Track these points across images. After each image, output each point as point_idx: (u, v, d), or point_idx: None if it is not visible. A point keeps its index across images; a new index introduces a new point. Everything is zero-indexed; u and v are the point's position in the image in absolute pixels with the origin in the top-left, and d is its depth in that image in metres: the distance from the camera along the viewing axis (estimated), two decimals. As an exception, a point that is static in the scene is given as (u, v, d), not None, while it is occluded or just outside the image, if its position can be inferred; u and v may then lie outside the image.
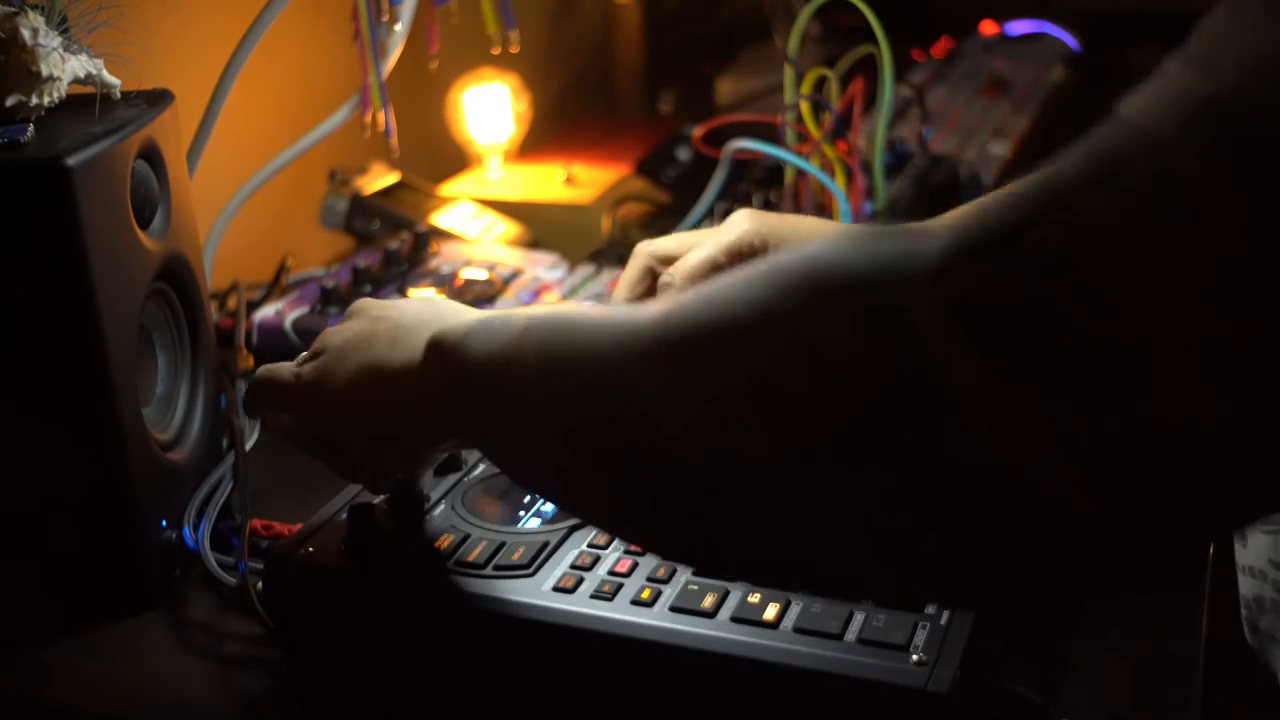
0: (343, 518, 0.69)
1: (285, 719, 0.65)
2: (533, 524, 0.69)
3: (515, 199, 1.34)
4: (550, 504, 0.70)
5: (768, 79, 1.58)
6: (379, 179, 1.26)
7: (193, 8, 1.12)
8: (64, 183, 0.65)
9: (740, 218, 0.80)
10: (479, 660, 0.64)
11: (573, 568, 0.64)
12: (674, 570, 0.63)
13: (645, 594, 0.62)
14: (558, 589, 0.63)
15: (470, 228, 1.24)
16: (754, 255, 0.78)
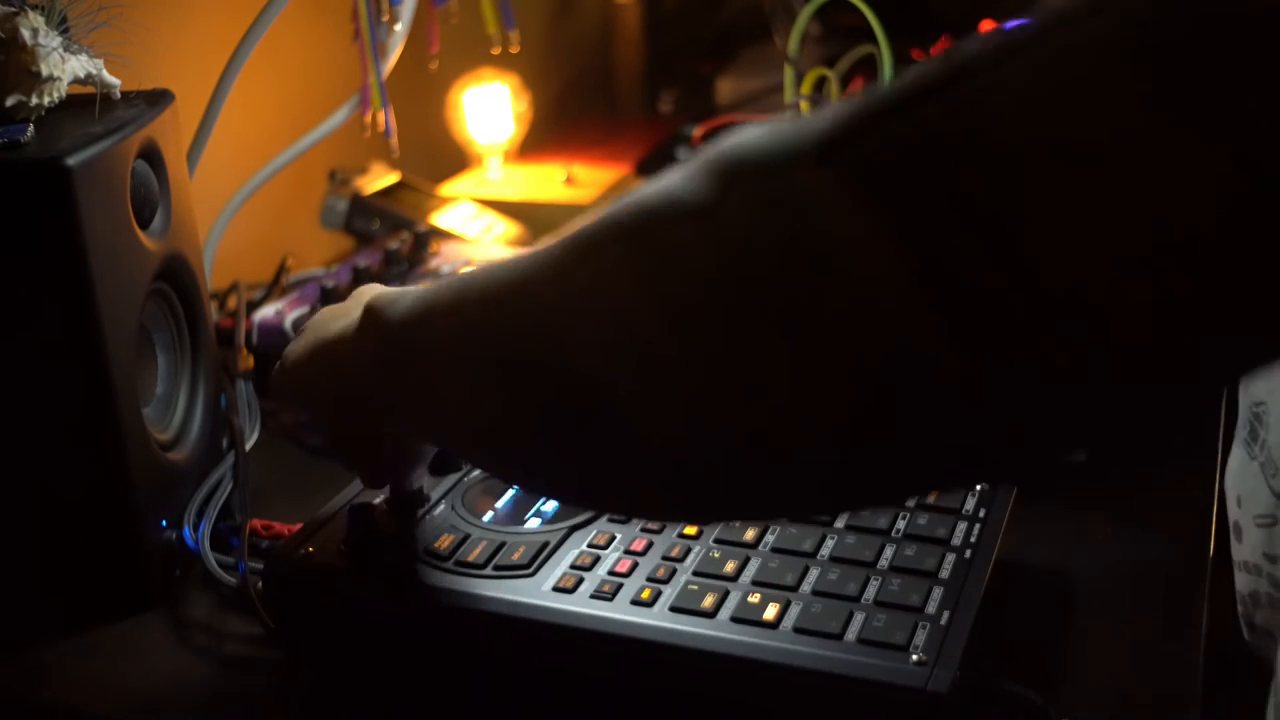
0: (343, 518, 0.69)
1: (285, 719, 0.65)
2: (533, 524, 0.69)
3: (515, 199, 1.34)
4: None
5: (768, 79, 1.58)
6: (379, 179, 1.26)
7: (193, 8, 1.12)
8: (64, 183, 0.65)
9: None
10: (479, 660, 0.64)
11: (573, 568, 0.64)
12: (674, 570, 0.63)
13: (645, 594, 0.62)
14: (558, 589, 0.63)
15: (470, 228, 1.24)
16: None
